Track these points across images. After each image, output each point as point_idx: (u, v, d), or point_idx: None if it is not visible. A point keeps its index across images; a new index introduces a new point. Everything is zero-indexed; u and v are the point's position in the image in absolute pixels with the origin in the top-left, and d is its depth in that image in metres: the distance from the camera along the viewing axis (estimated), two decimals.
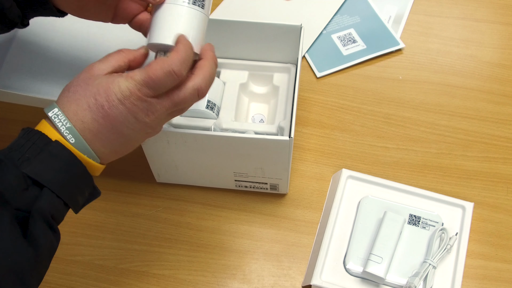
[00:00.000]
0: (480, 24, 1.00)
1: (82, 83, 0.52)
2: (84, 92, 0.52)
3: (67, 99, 0.52)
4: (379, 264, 0.71)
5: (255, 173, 0.77)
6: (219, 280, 0.76)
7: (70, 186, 0.52)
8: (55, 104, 0.52)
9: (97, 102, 0.52)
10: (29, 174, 0.49)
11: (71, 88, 0.53)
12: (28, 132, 0.52)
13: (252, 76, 0.84)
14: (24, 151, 0.50)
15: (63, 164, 0.51)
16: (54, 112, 0.51)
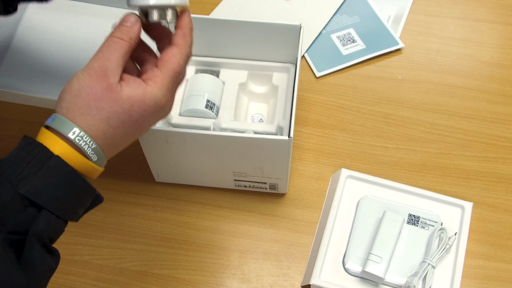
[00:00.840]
0: (479, 24, 1.00)
1: (106, 98, 0.49)
2: (113, 109, 0.49)
3: (91, 118, 0.49)
4: (378, 264, 0.71)
5: (254, 173, 0.77)
6: (218, 279, 0.76)
7: (71, 203, 0.49)
8: (74, 124, 0.48)
9: (131, 118, 0.50)
10: (26, 195, 0.46)
11: (91, 103, 0.49)
12: (29, 144, 0.48)
13: (252, 76, 0.84)
14: (23, 166, 0.46)
15: (63, 181, 0.47)
16: (75, 133, 0.48)
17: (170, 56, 0.52)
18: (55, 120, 0.48)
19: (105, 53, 0.50)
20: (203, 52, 0.83)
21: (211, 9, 1.03)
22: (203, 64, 0.84)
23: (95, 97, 0.48)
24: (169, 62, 0.52)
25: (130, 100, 0.49)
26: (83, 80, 0.49)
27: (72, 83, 0.49)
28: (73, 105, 0.48)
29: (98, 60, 0.50)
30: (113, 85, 0.49)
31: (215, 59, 0.84)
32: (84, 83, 0.49)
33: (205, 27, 0.79)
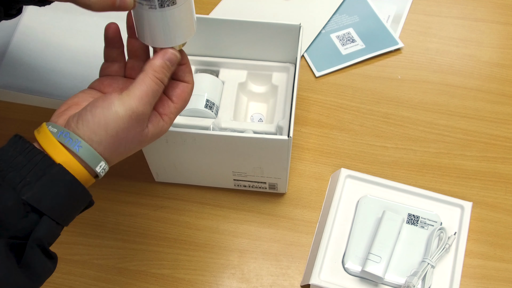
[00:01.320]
0: (479, 24, 1.00)
1: (135, 141, 0.52)
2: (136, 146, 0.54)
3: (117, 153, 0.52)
4: (377, 264, 0.71)
5: (254, 173, 0.77)
6: (217, 279, 0.76)
7: (70, 210, 0.50)
8: (102, 158, 0.50)
9: (142, 146, 0.55)
10: (29, 202, 0.46)
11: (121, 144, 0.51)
12: (29, 150, 0.48)
13: (251, 76, 0.84)
14: (25, 173, 0.47)
15: (65, 189, 0.48)
16: (101, 166, 0.51)
17: (185, 95, 0.56)
18: (83, 149, 0.49)
19: (150, 98, 0.51)
20: (202, 52, 0.83)
21: (210, 8, 1.03)
22: (202, 64, 0.84)
23: (128, 140, 0.51)
24: (184, 100, 0.56)
25: (151, 139, 0.54)
26: (123, 123, 0.50)
27: (109, 121, 0.49)
28: (105, 142, 0.50)
29: (143, 105, 0.50)
30: (144, 130, 0.52)
31: (215, 58, 0.84)
32: (124, 126, 0.50)
33: (205, 26, 0.79)
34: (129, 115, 0.49)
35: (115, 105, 0.49)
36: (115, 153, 0.51)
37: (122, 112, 0.49)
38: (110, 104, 0.49)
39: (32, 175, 0.47)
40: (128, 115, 0.49)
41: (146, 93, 0.50)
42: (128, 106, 0.49)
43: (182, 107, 0.56)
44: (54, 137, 0.49)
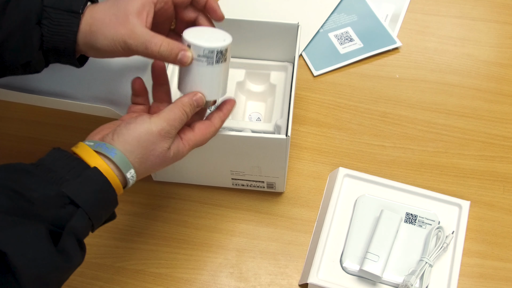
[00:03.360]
0: (477, 23, 1.00)
1: (161, 156, 0.58)
2: (161, 163, 0.59)
3: (144, 166, 0.58)
4: (375, 263, 0.71)
5: (252, 172, 0.77)
6: (216, 278, 0.76)
7: (101, 210, 0.55)
8: (132, 167, 0.56)
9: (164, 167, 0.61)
10: (68, 194, 0.52)
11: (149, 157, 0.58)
12: (68, 157, 0.55)
13: (249, 75, 0.84)
14: (64, 173, 0.53)
15: (99, 188, 0.54)
16: (131, 173, 0.57)
17: (207, 132, 0.62)
18: (117, 156, 0.55)
19: (177, 122, 0.58)
20: None
21: None
22: None
23: (154, 154, 0.58)
24: (204, 136, 0.62)
25: (173, 158, 0.60)
26: (152, 136, 0.57)
27: (141, 132, 0.56)
28: (136, 153, 0.56)
29: (170, 126, 0.58)
30: (169, 148, 0.58)
31: None
32: (152, 139, 0.57)
33: None
34: (158, 131, 0.57)
35: (147, 122, 0.57)
36: (143, 165, 0.58)
37: (154, 127, 0.57)
38: (143, 121, 0.57)
39: (70, 175, 0.53)
40: (158, 130, 0.57)
41: (174, 118, 0.58)
42: (159, 123, 0.57)
43: (200, 140, 0.62)
44: (91, 148, 0.56)
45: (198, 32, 0.62)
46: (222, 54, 0.60)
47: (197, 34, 0.61)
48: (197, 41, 0.59)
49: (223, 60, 0.61)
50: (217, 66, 0.60)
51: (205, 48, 0.59)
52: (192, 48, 0.59)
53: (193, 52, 0.59)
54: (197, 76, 0.61)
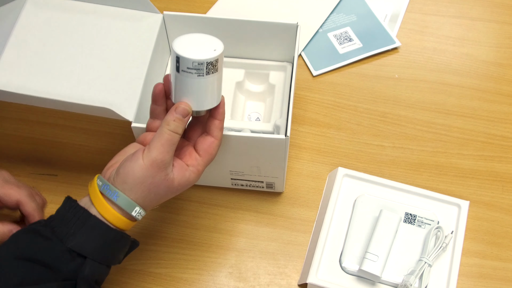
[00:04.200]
0: (476, 23, 1.00)
1: (163, 186, 0.60)
2: (166, 193, 0.61)
3: (149, 199, 0.60)
4: (375, 263, 0.71)
5: (251, 172, 0.77)
6: (215, 278, 0.76)
7: (109, 251, 0.60)
8: (136, 204, 0.59)
9: (173, 195, 0.62)
10: (73, 249, 0.57)
11: (151, 190, 0.59)
12: (74, 207, 0.59)
13: (248, 75, 0.84)
14: (70, 226, 0.58)
15: (101, 235, 0.58)
16: (137, 211, 0.60)
17: (211, 150, 0.63)
18: (120, 198, 0.58)
19: (165, 147, 0.58)
20: None
21: (208, 7, 1.03)
22: None
23: (155, 185, 0.59)
24: (210, 154, 0.63)
25: (178, 186, 0.61)
26: (146, 171, 0.58)
27: (135, 171, 0.58)
28: (136, 189, 0.59)
29: (160, 154, 0.58)
30: (168, 175, 0.59)
31: None
32: (148, 173, 0.58)
33: (202, 25, 0.79)
34: (150, 164, 0.58)
35: (139, 157, 0.58)
36: (147, 198, 0.60)
37: (145, 162, 0.58)
38: (137, 157, 0.58)
39: (75, 227, 0.58)
40: (149, 163, 0.58)
41: (162, 143, 0.58)
42: (149, 156, 0.58)
43: (208, 160, 0.63)
44: (98, 190, 0.59)
45: (188, 42, 0.60)
46: (213, 65, 0.59)
47: (187, 44, 0.60)
48: (185, 53, 0.58)
49: (214, 71, 0.59)
50: (207, 77, 0.59)
51: (194, 60, 0.58)
52: (181, 60, 0.58)
53: (182, 64, 0.58)
54: (187, 88, 0.60)
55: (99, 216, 0.59)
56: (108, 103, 0.68)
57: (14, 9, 0.77)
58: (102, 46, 0.75)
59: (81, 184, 0.83)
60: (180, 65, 0.58)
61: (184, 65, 0.58)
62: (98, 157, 0.86)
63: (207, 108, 0.62)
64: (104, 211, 0.59)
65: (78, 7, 0.78)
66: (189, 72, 0.58)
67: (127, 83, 0.72)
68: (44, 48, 0.74)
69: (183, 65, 0.58)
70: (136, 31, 0.76)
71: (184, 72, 0.59)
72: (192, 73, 0.58)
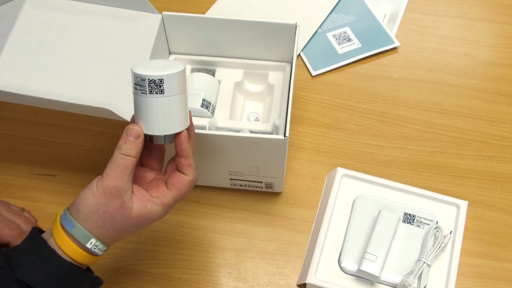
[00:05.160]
0: (475, 23, 1.00)
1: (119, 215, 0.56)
2: (124, 223, 0.56)
3: (106, 230, 0.56)
4: (373, 263, 0.72)
5: (250, 172, 0.77)
6: (214, 278, 0.76)
7: (61, 285, 0.56)
8: (91, 235, 0.56)
9: (137, 227, 0.58)
10: (21, 278, 0.54)
11: (106, 219, 0.56)
12: (35, 237, 0.57)
13: (247, 75, 0.84)
14: (25, 255, 0.56)
15: (53, 267, 0.55)
16: (92, 243, 0.56)
17: (181, 186, 0.59)
18: (74, 228, 0.55)
19: (117, 172, 0.55)
20: (198, 51, 0.83)
21: (207, 7, 1.03)
22: (198, 63, 0.84)
23: (110, 215, 0.55)
24: (180, 190, 0.59)
25: (138, 217, 0.57)
26: (99, 198, 0.55)
27: (88, 199, 0.55)
28: (90, 219, 0.55)
29: (112, 179, 0.55)
30: (125, 203, 0.55)
31: (211, 58, 0.84)
32: (100, 201, 0.55)
33: (201, 26, 0.79)
34: (102, 191, 0.55)
35: (93, 185, 0.55)
36: (103, 229, 0.56)
37: (98, 189, 0.55)
38: (91, 185, 0.56)
39: (29, 257, 0.55)
40: (101, 191, 0.55)
41: (114, 169, 0.55)
42: (101, 183, 0.55)
43: (177, 196, 0.59)
44: (58, 220, 0.57)
45: (153, 62, 0.59)
46: (156, 85, 0.55)
47: (150, 63, 0.58)
48: (136, 68, 0.56)
49: (158, 92, 0.55)
50: (152, 97, 0.56)
51: (137, 75, 0.55)
52: (132, 75, 0.56)
53: (132, 79, 0.56)
54: (136, 106, 0.58)
55: (57, 248, 0.56)
56: (107, 104, 0.68)
57: (13, 9, 0.77)
58: (101, 46, 0.75)
59: (80, 185, 0.84)
60: (132, 80, 0.57)
61: (133, 80, 0.56)
62: (97, 157, 0.86)
63: (159, 133, 0.58)
64: (62, 242, 0.56)
65: (77, 7, 0.78)
66: (135, 88, 0.56)
67: (126, 83, 0.72)
68: (43, 48, 0.74)
69: (132, 80, 0.56)
70: (135, 31, 0.76)
71: (133, 88, 0.57)
72: (137, 89, 0.56)
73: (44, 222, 0.80)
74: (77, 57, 0.73)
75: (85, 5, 0.78)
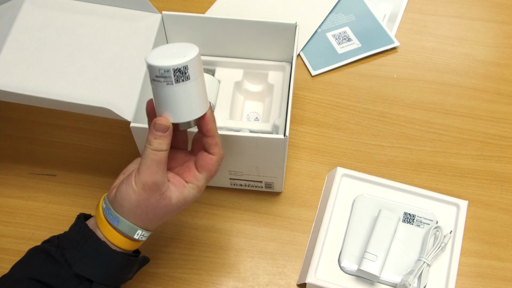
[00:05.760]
0: (474, 23, 1.00)
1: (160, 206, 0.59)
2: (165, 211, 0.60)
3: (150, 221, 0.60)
4: (373, 262, 0.71)
5: (250, 172, 0.77)
6: (214, 278, 0.76)
7: (116, 274, 0.61)
8: (137, 227, 0.60)
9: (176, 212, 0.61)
10: (79, 273, 0.58)
11: (149, 212, 0.59)
12: (84, 229, 0.60)
13: (247, 75, 0.84)
14: (78, 249, 0.59)
15: (108, 260, 0.59)
16: (139, 234, 0.60)
17: (210, 166, 0.61)
18: (120, 223, 0.59)
19: (152, 168, 0.57)
20: None
21: (206, 7, 1.03)
22: None
23: (152, 207, 0.58)
24: (209, 171, 0.61)
25: (178, 203, 0.60)
26: (140, 195, 0.57)
27: (130, 195, 0.58)
28: (133, 213, 0.59)
29: (149, 176, 0.57)
30: (164, 193, 0.58)
31: (211, 57, 0.84)
32: (141, 197, 0.57)
33: (201, 25, 0.79)
34: (141, 187, 0.57)
35: (132, 181, 0.58)
36: (147, 220, 0.60)
37: (137, 186, 0.57)
38: (130, 182, 0.58)
39: (82, 251, 0.59)
40: (140, 187, 0.57)
41: (148, 165, 0.57)
42: (139, 180, 0.57)
43: (208, 176, 0.61)
44: (102, 214, 0.60)
45: (162, 51, 0.57)
46: (181, 72, 0.54)
47: (160, 52, 0.57)
48: (154, 61, 0.54)
49: (185, 78, 0.55)
50: (178, 86, 0.55)
51: (160, 67, 0.54)
52: (150, 69, 0.55)
53: (152, 73, 0.55)
54: (161, 98, 0.57)
55: (106, 240, 0.59)
56: (107, 103, 0.68)
57: (12, 8, 0.77)
58: (101, 46, 0.75)
59: (80, 184, 0.84)
60: (150, 74, 0.56)
61: (153, 73, 0.55)
62: (97, 157, 0.86)
63: (187, 119, 0.58)
64: (109, 235, 0.59)
65: (77, 6, 0.78)
66: (158, 80, 0.55)
67: (126, 83, 0.72)
68: (42, 48, 0.73)
69: (152, 73, 0.55)
70: (135, 31, 0.76)
71: (155, 81, 0.56)
72: (161, 81, 0.55)
73: (44, 222, 0.80)
74: (77, 56, 0.73)
75: (84, 5, 0.78)
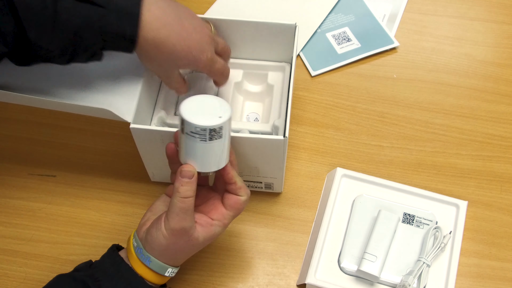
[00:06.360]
0: (474, 23, 1.00)
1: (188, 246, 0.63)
2: (193, 250, 0.65)
3: (177, 260, 0.65)
4: (373, 263, 0.72)
5: (250, 172, 0.77)
6: (214, 279, 0.76)
7: None
8: (168, 266, 0.64)
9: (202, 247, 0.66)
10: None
11: (177, 253, 0.64)
12: (119, 263, 0.64)
13: (247, 75, 0.84)
14: (115, 283, 0.62)
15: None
16: (169, 271, 0.65)
17: (238, 205, 0.65)
18: (152, 263, 0.63)
19: (180, 215, 0.60)
20: None
21: (206, 8, 1.03)
22: None
23: (180, 248, 0.63)
24: (238, 210, 0.65)
25: (204, 241, 0.64)
26: (169, 239, 0.61)
27: (160, 239, 0.61)
28: (164, 255, 0.63)
29: (177, 223, 0.60)
30: (192, 235, 0.62)
31: None
32: (171, 241, 0.61)
33: None
34: (170, 233, 0.61)
35: (162, 226, 0.61)
36: (176, 259, 0.65)
37: (166, 232, 0.61)
38: (159, 227, 0.61)
39: (120, 285, 0.62)
40: (170, 233, 0.61)
41: (177, 213, 0.60)
42: (168, 226, 0.61)
43: (235, 214, 0.65)
44: (134, 252, 0.64)
45: (196, 104, 0.60)
46: (216, 132, 0.58)
47: (194, 106, 0.59)
48: (190, 117, 0.57)
49: (218, 137, 0.59)
50: (211, 143, 0.59)
51: (197, 126, 0.57)
52: (185, 123, 0.58)
53: (186, 127, 0.58)
54: (191, 150, 0.60)
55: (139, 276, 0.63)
56: (107, 104, 0.68)
57: None
58: None
59: (80, 185, 0.84)
60: (185, 128, 0.58)
61: (188, 128, 0.58)
62: (97, 158, 0.86)
63: (211, 170, 0.62)
64: (143, 272, 0.63)
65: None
66: (192, 136, 0.58)
67: (126, 84, 0.72)
68: None
69: (187, 128, 0.58)
70: None
71: (188, 136, 0.58)
72: (195, 137, 0.58)
73: (44, 223, 0.80)
74: None
75: None
